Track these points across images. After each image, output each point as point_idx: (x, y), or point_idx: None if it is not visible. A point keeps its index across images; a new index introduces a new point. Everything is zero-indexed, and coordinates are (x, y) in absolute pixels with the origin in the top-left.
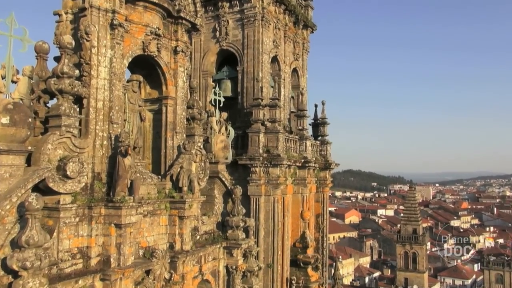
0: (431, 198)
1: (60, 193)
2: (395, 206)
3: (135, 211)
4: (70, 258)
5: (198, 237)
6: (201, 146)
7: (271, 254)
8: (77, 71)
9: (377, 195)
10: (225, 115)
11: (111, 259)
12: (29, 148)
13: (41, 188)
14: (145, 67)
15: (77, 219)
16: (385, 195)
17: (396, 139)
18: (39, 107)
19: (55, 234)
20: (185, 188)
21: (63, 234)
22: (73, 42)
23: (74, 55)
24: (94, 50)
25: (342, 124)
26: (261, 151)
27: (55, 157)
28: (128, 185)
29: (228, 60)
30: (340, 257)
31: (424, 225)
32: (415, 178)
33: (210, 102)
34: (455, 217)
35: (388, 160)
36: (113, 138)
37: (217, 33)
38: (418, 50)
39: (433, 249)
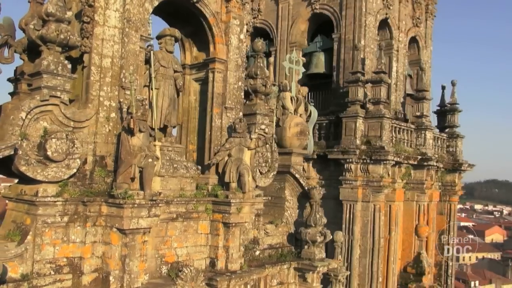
0: None
1: (40, 182)
2: None
3: (147, 212)
4: (53, 272)
5: (257, 252)
6: (266, 130)
7: (369, 281)
8: (69, 13)
9: None
10: (305, 90)
11: (111, 278)
12: None
13: (18, 175)
14: (191, 22)
15: (66, 219)
16: None
17: None
18: (28, 64)
19: (29, 237)
20: (233, 184)
21: (45, 238)
22: None
23: None
24: None
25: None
26: (358, 142)
27: (37, 132)
28: (137, 175)
29: (322, 30)
30: (477, 282)
31: None
32: None
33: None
34: None
35: None
36: (124, 110)
37: None
38: None
39: None
